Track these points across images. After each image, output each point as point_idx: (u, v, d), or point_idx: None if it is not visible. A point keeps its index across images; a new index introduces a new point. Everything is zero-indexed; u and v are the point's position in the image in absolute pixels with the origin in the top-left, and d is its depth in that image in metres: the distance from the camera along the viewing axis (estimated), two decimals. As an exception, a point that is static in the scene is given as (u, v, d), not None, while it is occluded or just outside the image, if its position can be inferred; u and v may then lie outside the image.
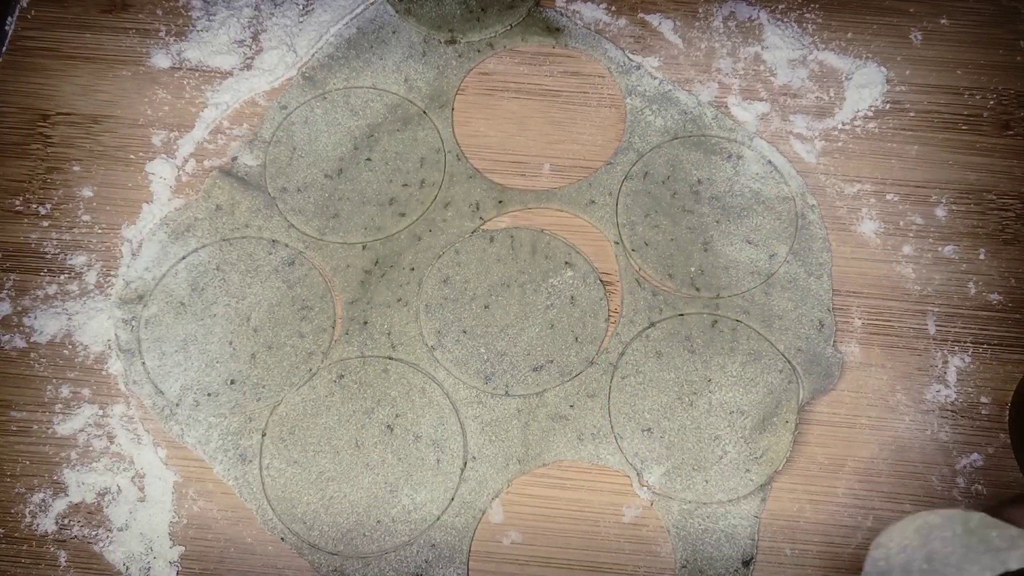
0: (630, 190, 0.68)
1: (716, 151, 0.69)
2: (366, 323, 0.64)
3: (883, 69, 0.72)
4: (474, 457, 0.61)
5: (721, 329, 0.64)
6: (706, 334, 0.64)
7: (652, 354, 0.63)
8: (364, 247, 0.67)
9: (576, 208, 0.67)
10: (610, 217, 0.67)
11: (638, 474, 0.61)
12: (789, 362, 0.63)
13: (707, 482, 0.60)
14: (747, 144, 0.69)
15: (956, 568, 0.44)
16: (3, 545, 0.60)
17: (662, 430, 0.62)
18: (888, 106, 0.71)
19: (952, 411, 0.63)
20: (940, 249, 0.67)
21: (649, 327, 0.64)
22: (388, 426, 0.62)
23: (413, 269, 0.66)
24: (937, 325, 0.65)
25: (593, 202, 0.68)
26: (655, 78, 0.71)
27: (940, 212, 0.68)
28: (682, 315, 0.64)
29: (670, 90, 0.71)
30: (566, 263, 0.66)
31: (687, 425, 0.62)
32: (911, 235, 0.67)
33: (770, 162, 0.68)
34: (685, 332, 0.64)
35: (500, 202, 0.68)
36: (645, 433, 0.62)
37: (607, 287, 0.66)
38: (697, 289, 0.65)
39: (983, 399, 0.63)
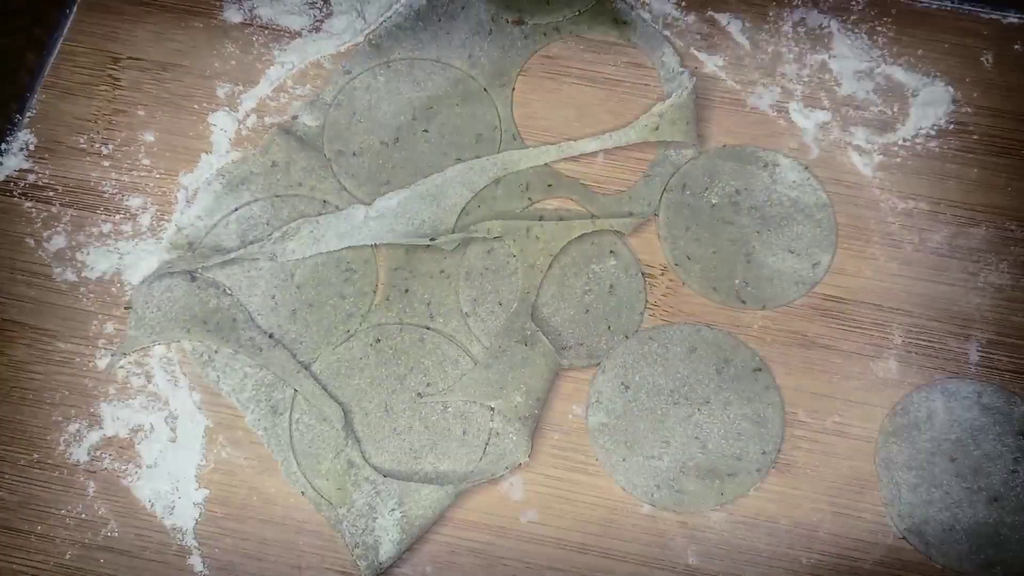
0: (670, 202, 0.68)
1: (752, 160, 0.68)
2: (407, 291, 0.65)
3: (950, 89, 0.71)
4: (498, 433, 0.62)
5: (756, 379, 0.64)
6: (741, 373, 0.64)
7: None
8: (412, 216, 0.67)
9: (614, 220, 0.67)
10: (651, 229, 0.68)
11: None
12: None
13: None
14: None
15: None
16: (36, 470, 0.62)
17: (637, 399, 0.63)
18: (952, 126, 0.70)
19: (985, 438, 0.62)
20: (990, 275, 0.66)
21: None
22: (419, 394, 0.63)
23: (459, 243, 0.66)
24: (979, 352, 0.64)
25: (631, 214, 0.67)
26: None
27: (994, 238, 0.67)
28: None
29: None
30: (611, 252, 0.66)
31: (665, 417, 0.63)
32: (962, 258, 0.66)
33: (806, 168, 0.68)
34: (724, 356, 0.64)
35: (550, 185, 0.68)
36: (622, 387, 0.63)
37: (648, 279, 0.66)
38: (743, 301, 0.65)
39: (1018, 429, 0.62)
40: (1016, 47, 0.72)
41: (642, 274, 0.66)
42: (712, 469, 0.61)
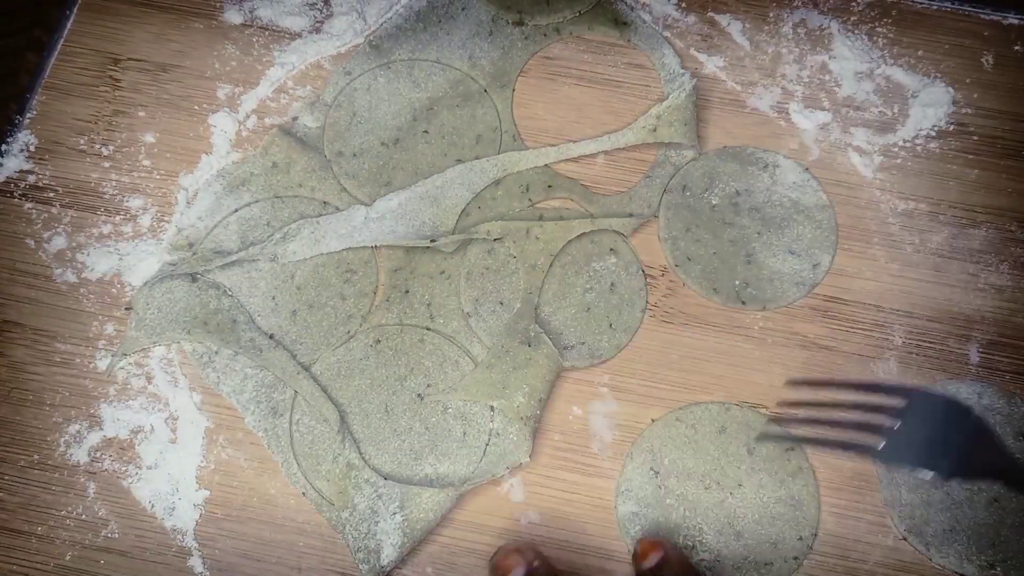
0: (670, 203, 0.68)
1: (752, 161, 0.69)
2: (407, 292, 0.65)
3: (950, 90, 0.71)
4: (498, 433, 0.62)
5: (789, 459, 0.62)
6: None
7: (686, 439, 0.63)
8: (413, 217, 0.67)
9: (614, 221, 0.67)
10: (651, 231, 0.67)
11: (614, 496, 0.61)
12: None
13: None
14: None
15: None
16: (36, 471, 0.62)
17: (667, 486, 0.61)
18: (952, 127, 0.70)
19: (986, 439, 0.62)
20: (990, 277, 0.66)
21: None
22: (419, 395, 0.63)
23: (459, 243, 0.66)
24: (980, 353, 0.64)
25: (631, 215, 0.67)
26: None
27: (994, 239, 0.67)
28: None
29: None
30: (611, 249, 0.66)
31: (696, 504, 0.61)
32: (962, 259, 0.66)
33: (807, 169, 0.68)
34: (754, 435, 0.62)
35: (550, 187, 0.68)
36: (651, 473, 0.61)
37: (648, 279, 0.66)
38: (743, 303, 0.65)
39: (1019, 430, 0.62)
40: (1016, 48, 0.72)
41: (642, 272, 0.66)
42: (747, 557, 0.59)
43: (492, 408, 0.62)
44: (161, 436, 0.62)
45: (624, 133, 0.68)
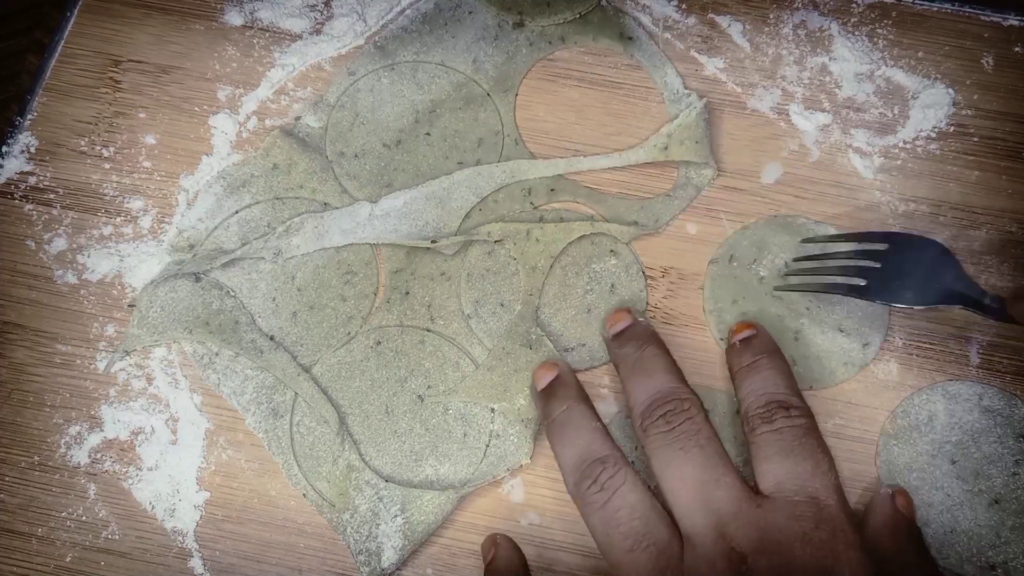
0: (716, 274, 0.66)
1: (803, 232, 0.67)
2: (408, 293, 0.65)
3: (951, 91, 0.71)
4: (498, 435, 0.62)
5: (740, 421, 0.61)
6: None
7: None
8: (413, 219, 0.67)
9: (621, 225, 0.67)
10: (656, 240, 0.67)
11: None
12: None
13: None
14: None
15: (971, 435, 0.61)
16: (36, 472, 0.62)
17: None
18: (952, 129, 0.70)
19: (987, 441, 0.62)
20: (991, 278, 0.66)
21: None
22: (419, 396, 0.63)
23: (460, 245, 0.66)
24: (980, 354, 0.64)
25: (636, 223, 0.67)
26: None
27: (994, 240, 0.67)
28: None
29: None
30: (611, 251, 0.66)
31: None
32: (963, 260, 0.66)
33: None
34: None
35: (552, 190, 0.68)
36: None
37: (649, 280, 0.66)
38: None
39: (1020, 432, 0.62)
40: (1017, 49, 0.72)
41: (643, 273, 0.66)
42: None
43: (493, 410, 0.62)
44: (161, 437, 0.62)
45: (635, 151, 0.68)
